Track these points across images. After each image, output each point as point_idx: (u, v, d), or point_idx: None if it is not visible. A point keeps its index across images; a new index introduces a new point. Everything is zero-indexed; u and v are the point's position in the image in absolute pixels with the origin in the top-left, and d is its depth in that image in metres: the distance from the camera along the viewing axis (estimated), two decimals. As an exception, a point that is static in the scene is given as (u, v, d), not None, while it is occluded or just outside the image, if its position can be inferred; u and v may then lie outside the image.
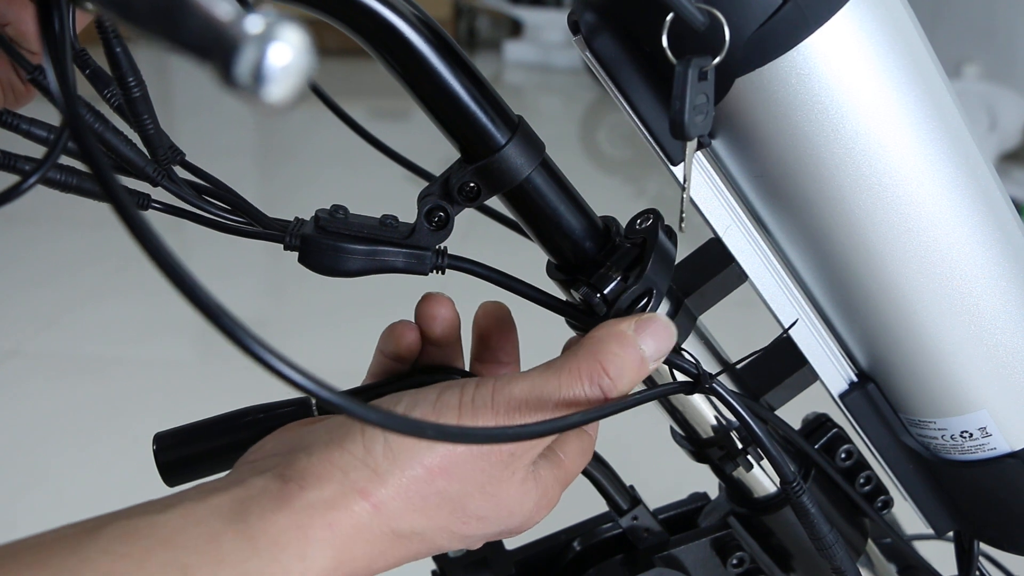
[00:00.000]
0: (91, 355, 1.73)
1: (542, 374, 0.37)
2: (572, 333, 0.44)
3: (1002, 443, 0.43)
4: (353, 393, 0.44)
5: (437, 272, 0.40)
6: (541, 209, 0.39)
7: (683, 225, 0.38)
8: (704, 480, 0.56)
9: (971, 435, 0.43)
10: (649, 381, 0.44)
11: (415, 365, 0.45)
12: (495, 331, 0.46)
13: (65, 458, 1.44)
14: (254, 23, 0.18)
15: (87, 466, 1.42)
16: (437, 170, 0.46)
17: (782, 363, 0.47)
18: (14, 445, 1.46)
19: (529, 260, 0.55)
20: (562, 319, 0.43)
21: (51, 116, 0.34)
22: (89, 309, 1.91)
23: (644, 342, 0.37)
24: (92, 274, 2.04)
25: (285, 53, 0.18)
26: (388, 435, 0.35)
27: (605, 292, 0.39)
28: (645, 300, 0.39)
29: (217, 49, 0.18)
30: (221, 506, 0.33)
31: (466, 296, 0.45)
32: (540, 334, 0.59)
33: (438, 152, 0.79)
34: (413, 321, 0.44)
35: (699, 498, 0.57)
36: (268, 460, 0.36)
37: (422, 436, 0.33)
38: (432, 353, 0.44)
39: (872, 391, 0.44)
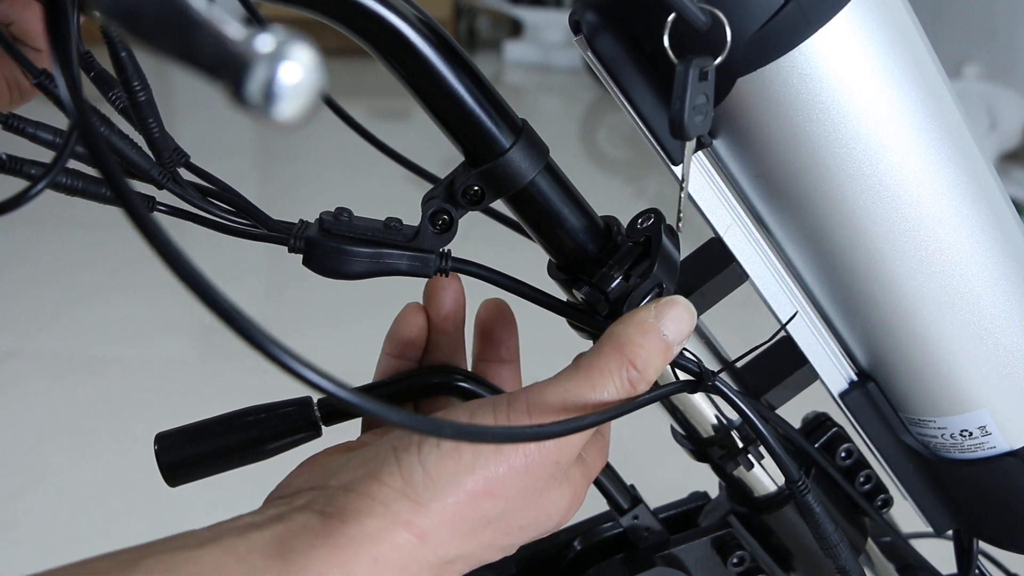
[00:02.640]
0: (91, 355, 1.73)
1: (572, 376, 0.36)
2: (573, 334, 0.44)
3: (1002, 442, 0.43)
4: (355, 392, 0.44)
5: (441, 275, 0.40)
6: (545, 212, 0.39)
7: (680, 224, 0.38)
8: (704, 479, 0.56)
9: (971, 434, 0.43)
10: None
11: (420, 365, 0.45)
12: (497, 327, 0.46)
13: (65, 458, 1.44)
14: (265, 42, 0.18)
15: (87, 466, 1.42)
16: (438, 171, 0.46)
17: (782, 362, 0.47)
18: (14, 445, 1.46)
19: (529, 260, 0.55)
20: (563, 320, 0.43)
21: (54, 116, 0.35)
22: (89, 309, 1.91)
23: (666, 327, 0.37)
24: (92, 274, 2.04)
25: (295, 72, 0.18)
26: (426, 463, 0.34)
27: (607, 291, 0.39)
28: (656, 294, 0.39)
29: (227, 68, 0.18)
30: (261, 543, 0.32)
31: (470, 298, 0.45)
32: (541, 335, 0.60)
33: (439, 152, 0.80)
34: (420, 304, 0.44)
35: (699, 497, 0.57)
36: (304, 495, 0.35)
37: (441, 435, 0.33)
38: (438, 345, 0.45)
39: (872, 390, 0.44)
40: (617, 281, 0.39)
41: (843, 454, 0.51)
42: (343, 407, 0.41)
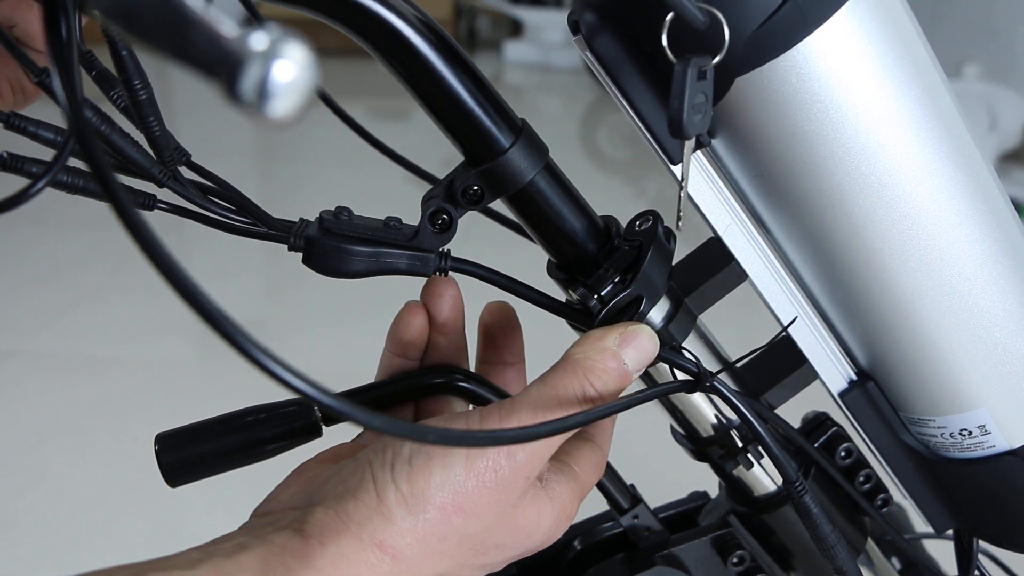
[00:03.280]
0: (91, 355, 1.73)
1: (539, 392, 0.37)
2: (573, 333, 0.44)
3: (1001, 441, 0.43)
4: (354, 392, 0.44)
5: (440, 274, 0.40)
6: (544, 212, 0.39)
7: (680, 224, 0.38)
8: (704, 479, 0.56)
9: (970, 433, 0.43)
10: (650, 380, 0.44)
11: (422, 364, 0.45)
12: (501, 330, 0.46)
13: (65, 458, 1.44)
14: (259, 40, 0.18)
15: (87, 466, 1.42)
16: (438, 171, 0.46)
17: (782, 362, 0.47)
18: (14, 445, 1.46)
19: (529, 260, 0.55)
20: (563, 320, 0.43)
21: (57, 116, 0.35)
22: (89, 309, 1.91)
23: (627, 355, 0.38)
24: (92, 274, 2.04)
25: (289, 69, 0.18)
26: (398, 482, 0.35)
27: (602, 294, 0.39)
28: (636, 307, 0.39)
29: (222, 65, 0.18)
30: (247, 564, 0.33)
31: (469, 298, 0.45)
32: (542, 335, 0.60)
33: (439, 152, 0.80)
34: (419, 301, 0.44)
35: (699, 497, 0.57)
36: (287, 514, 0.36)
37: (424, 441, 0.33)
38: (439, 346, 0.45)
39: (872, 390, 0.44)
40: (612, 284, 0.39)
41: (843, 454, 0.51)
42: (326, 412, 0.41)
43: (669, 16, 0.33)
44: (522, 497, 0.37)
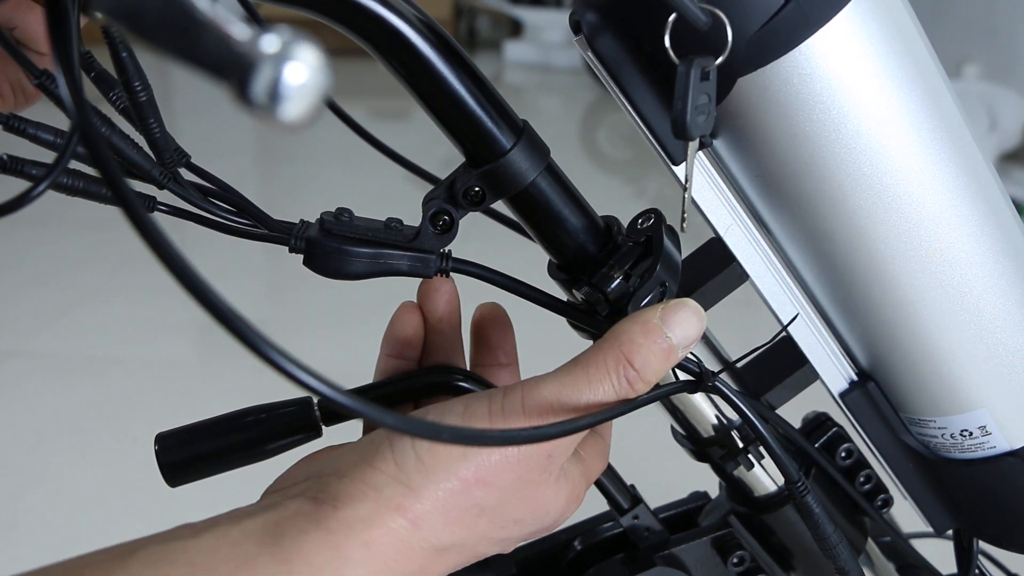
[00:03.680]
0: (91, 355, 1.73)
1: (569, 372, 0.36)
2: (573, 334, 0.44)
3: (1002, 442, 0.43)
4: (356, 392, 0.44)
5: (441, 275, 0.40)
6: (545, 212, 0.39)
7: (685, 225, 0.38)
8: (705, 479, 0.56)
9: (971, 434, 0.43)
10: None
11: (419, 365, 0.45)
12: (493, 332, 0.46)
13: (65, 458, 1.44)
14: (270, 42, 0.18)
15: (87, 466, 1.42)
16: (438, 171, 0.46)
17: (782, 362, 0.47)
18: (14, 445, 1.46)
19: (529, 260, 0.55)
20: (564, 320, 0.43)
21: (55, 117, 0.35)
22: (89, 309, 1.91)
23: (671, 329, 0.36)
24: (92, 274, 2.04)
25: (301, 72, 0.18)
26: (419, 450, 0.34)
27: (607, 291, 0.39)
28: (660, 294, 0.39)
29: (233, 68, 0.18)
30: (254, 529, 0.32)
31: (470, 299, 0.45)
32: (542, 335, 0.60)
33: (439, 153, 0.80)
34: (415, 302, 0.44)
35: (699, 497, 0.57)
36: (298, 486, 0.35)
37: (438, 439, 0.33)
38: (435, 345, 0.45)
39: (872, 390, 0.44)
40: (617, 281, 0.39)
41: (843, 454, 0.51)
42: (339, 410, 0.41)
43: (672, 17, 0.33)
44: (542, 474, 0.36)
